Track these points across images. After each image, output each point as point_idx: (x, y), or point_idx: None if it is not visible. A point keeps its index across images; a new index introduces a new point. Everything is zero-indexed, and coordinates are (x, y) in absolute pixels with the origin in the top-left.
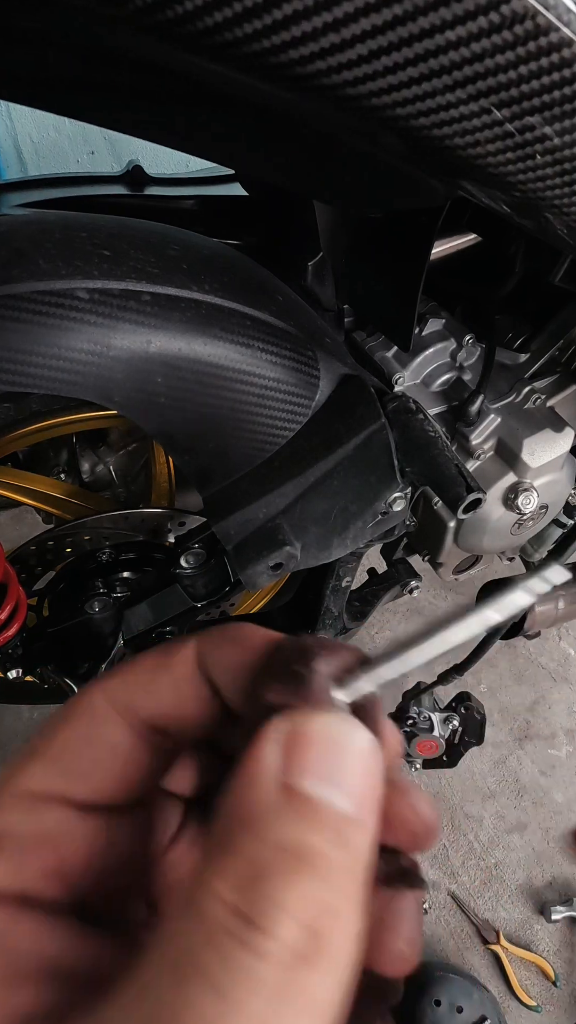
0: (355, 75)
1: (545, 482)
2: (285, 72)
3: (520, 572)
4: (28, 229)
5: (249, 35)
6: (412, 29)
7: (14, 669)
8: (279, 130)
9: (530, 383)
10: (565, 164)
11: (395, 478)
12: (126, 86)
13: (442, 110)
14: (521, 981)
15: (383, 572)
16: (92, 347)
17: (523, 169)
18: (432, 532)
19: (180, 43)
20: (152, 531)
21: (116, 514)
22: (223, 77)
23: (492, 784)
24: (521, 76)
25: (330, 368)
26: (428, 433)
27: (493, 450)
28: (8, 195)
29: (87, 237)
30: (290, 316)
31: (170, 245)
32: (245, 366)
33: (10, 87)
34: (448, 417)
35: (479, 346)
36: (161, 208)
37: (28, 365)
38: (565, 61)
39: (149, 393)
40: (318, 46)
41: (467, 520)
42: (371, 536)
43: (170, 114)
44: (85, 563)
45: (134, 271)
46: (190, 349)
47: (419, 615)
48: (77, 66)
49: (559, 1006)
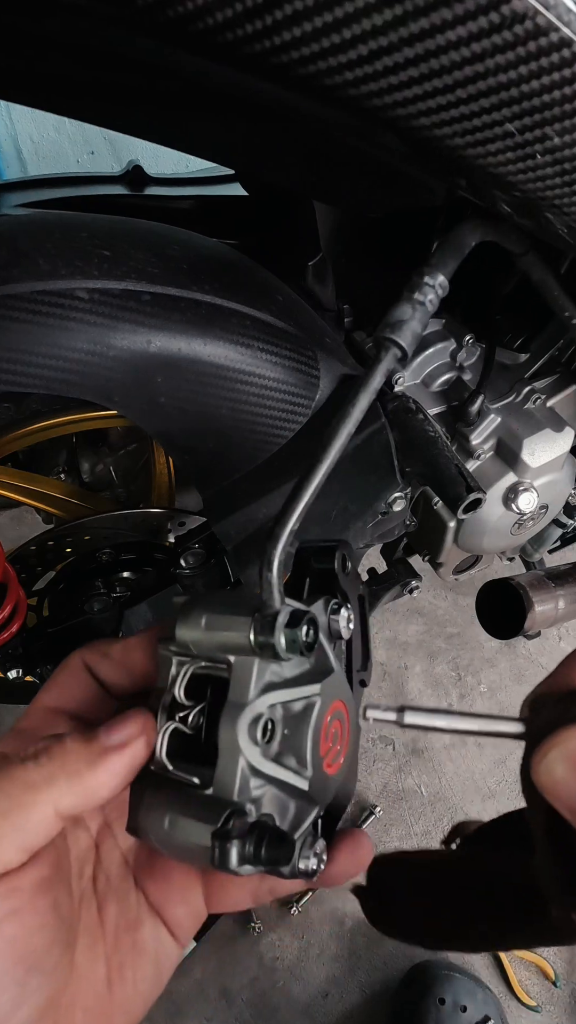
0: (355, 75)
1: (545, 482)
2: (285, 72)
3: (520, 572)
4: (28, 229)
5: (250, 35)
6: (412, 29)
7: (14, 669)
8: (279, 130)
9: (530, 383)
10: (565, 164)
11: (395, 478)
12: (126, 86)
13: (442, 110)
14: (521, 981)
15: (383, 572)
16: (92, 347)
17: (523, 169)
18: (432, 532)
19: (181, 43)
20: (152, 531)
21: (116, 514)
22: (224, 77)
23: (492, 784)
24: (521, 76)
25: (330, 368)
26: (428, 433)
27: (493, 450)
28: (8, 195)
29: (87, 237)
30: (290, 316)
31: (170, 245)
32: (245, 366)
33: (10, 87)
34: (448, 417)
35: (479, 346)
36: (161, 208)
37: (28, 365)
38: (565, 61)
39: (149, 393)
40: (318, 47)
41: (467, 520)
42: (371, 536)
43: (170, 114)
44: (85, 563)
45: (134, 271)
46: (190, 349)
47: (419, 615)
48: (77, 66)
49: (559, 1006)
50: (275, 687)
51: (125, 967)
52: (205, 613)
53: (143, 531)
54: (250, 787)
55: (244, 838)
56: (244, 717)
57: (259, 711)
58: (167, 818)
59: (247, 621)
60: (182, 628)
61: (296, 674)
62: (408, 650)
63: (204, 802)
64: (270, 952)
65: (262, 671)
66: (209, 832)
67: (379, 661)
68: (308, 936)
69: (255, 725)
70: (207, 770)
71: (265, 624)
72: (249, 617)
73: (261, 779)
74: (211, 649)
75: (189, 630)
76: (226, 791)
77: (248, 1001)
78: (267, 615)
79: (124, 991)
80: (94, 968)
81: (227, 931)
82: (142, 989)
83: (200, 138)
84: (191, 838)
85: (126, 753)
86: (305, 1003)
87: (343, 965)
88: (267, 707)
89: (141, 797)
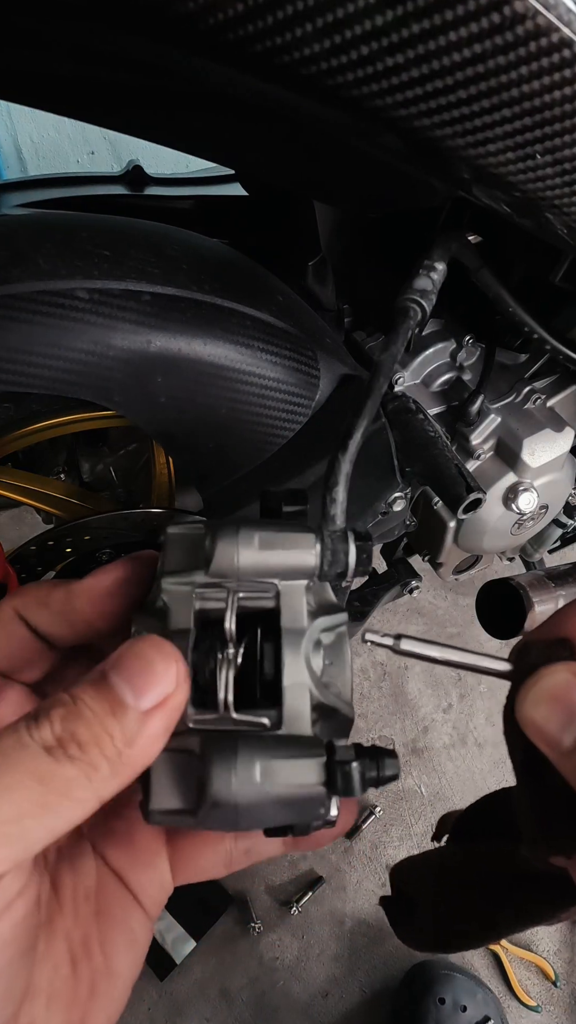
0: (357, 76)
1: (545, 482)
2: (286, 73)
3: (520, 572)
4: (28, 229)
5: (251, 36)
6: (414, 30)
7: None
8: (279, 130)
9: (530, 383)
10: (565, 164)
11: (395, 478)
12: (126, 86)
13: (443, 110)
14: (521, 981)
15: (383, 572)
16: (92, 347)
17: (523, 169)
18: (432, 532)
19: (182, 44)
20: (152, 531)
21: (116, 514)
22: (224, 77)
23: (492, 784)
24: (522, 76)
25: (330, 368)
26: (428, 433)
27: (493, 450)
28: (8, 195)
29: (87, 237)
30: (290, 316)
31: (170, 245)
32: (245, 366)
33: (10, 87)
34: (448, 417)
35: (479, 346)
36: (161, 208)
37: (28, 365)
38: (565, 61)
39: (149, 393)
40: (320, 48)
41: (467, 520)
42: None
43: (170, 114)
44: (85, 563)
45: (134, 271)
46: (190, 349)
47: (419, 615)
48: (77, 66)
49: (559, 1006)
50: (315, 615)
51: (91, 941)
52: (258, 531)
53: (143, 531)
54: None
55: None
56: (305, 643)
57: (315, 637)
58: (257, 767)
59: (310, 539)
60: (224, 550)
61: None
62: None
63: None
64: (270, 952)
65: (308, 596)
66: (319, 766)
67: (379, 661)
68: (308, 936)
69: (317, 652)
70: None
71: (336, 539)
72: (312, 534)
73: (318, 712)
74: (260, 573)
75: (240, 550)
76: (300, 726)
77: (248, 1001)
78: (335, 530)
79: (93, 968)
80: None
81: (227, 931)
82: (115, 966)
83: (200, 138)
84: (297, 779)
85: (166, 711)
86: (305, 1003)
87: (343, 965)
88: (320, 632)
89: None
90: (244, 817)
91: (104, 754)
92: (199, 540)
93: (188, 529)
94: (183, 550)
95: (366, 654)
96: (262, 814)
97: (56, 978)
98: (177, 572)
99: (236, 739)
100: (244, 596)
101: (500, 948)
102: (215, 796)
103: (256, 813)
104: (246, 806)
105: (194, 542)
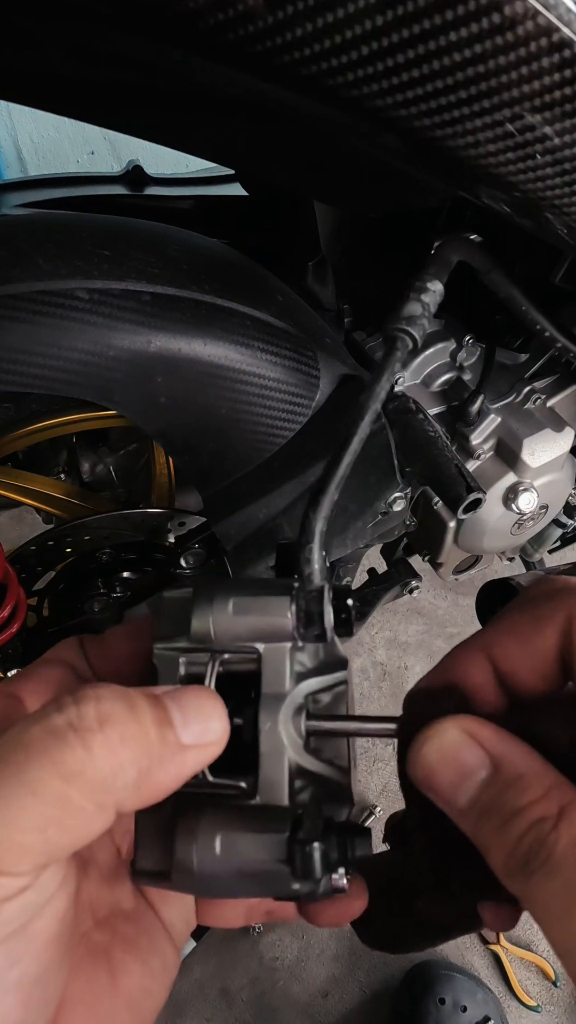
0: (357, 76)
1: (545, 482)
2: (287, 73)
3: (520, 572)
4: (28, 229)
5: (251, 36)
6: (414, 31)
7: (14, 669)
8: (279, 130)
9: (530, 383)
10: (565, 164)
11: (395, 478)
12: (127, 86)
13: (443, 111)
14: (521, 981)
15: (383, 572)
16: (92, 347)
17: (523, 169)
18: (432, 532)
19: (182, 44)
20: (152, 531)
21: (116, 514)
22: (224, 77)
23: None
24: (522, 76)
25: (330, 368)
26: (428, 433)
27: (493, 450)
28: (8, 195)
29: (87, 237)
30: (290, 316)
31: (170, 245)
32: (245, 366)
33: (10, 87)
34: (448, 417)
35: (479, 346)
36: (161, 208)
37: (28, 365)
38: (565, 61)
39: (149, 393)
40: (320, 48)
41: (467, 520)
42: (371, 536)
43: (170, 114)
44: (85, 563)
45: (134, 271)
46: (190, 349)
47: (419, 615)
48: (77, 66)
49: (559, 1006)
50: (304, 677)
51: (129, 959)
52: (232, 596)
53: (143, 531)
54: (295, 788)
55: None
56: (286, 708)
57: (298, 701)
58: (217, 840)
59: (284, 601)
60: (200, 617)
61: (314, 665)
62: (408, 650)
63: (255, 814)
64: (270, 952)
65: (293, 658)
66: (279, 843)
67: (379, 661)
68: (308, 936)
69: (298, 717)
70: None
71: (311, 600)
72: (287, 597)
73: (304, 778)
74: (238, 637)
75: (214, 617)
76: (275, 795)
77: (248, 1001)
78: (311, 590)
79: (129, 984)
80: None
81: (227, 931)
82: (148, 985)
83: (200, 138)
84: (256, 855)
85: (200, 754)
86: (305, 1003)
87: (343, 965)
88: (304, 697)
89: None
90: (211, 887)
91: (135, 758)
92: (187, 605)
93: (179, 593)
94: (171, 615)
95: (366, 654)
96: (229, 885)
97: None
98: (166, 637)
99: (203, 808)
100: (229, 659)
101: (500, 948)
102: (179, 865)
103: (222, 884)
104: (208, 876)
105: (182, 606)
